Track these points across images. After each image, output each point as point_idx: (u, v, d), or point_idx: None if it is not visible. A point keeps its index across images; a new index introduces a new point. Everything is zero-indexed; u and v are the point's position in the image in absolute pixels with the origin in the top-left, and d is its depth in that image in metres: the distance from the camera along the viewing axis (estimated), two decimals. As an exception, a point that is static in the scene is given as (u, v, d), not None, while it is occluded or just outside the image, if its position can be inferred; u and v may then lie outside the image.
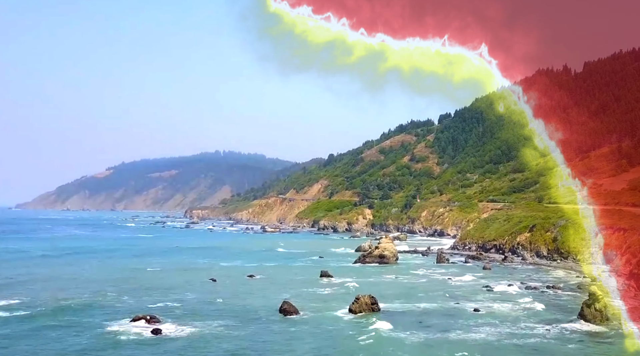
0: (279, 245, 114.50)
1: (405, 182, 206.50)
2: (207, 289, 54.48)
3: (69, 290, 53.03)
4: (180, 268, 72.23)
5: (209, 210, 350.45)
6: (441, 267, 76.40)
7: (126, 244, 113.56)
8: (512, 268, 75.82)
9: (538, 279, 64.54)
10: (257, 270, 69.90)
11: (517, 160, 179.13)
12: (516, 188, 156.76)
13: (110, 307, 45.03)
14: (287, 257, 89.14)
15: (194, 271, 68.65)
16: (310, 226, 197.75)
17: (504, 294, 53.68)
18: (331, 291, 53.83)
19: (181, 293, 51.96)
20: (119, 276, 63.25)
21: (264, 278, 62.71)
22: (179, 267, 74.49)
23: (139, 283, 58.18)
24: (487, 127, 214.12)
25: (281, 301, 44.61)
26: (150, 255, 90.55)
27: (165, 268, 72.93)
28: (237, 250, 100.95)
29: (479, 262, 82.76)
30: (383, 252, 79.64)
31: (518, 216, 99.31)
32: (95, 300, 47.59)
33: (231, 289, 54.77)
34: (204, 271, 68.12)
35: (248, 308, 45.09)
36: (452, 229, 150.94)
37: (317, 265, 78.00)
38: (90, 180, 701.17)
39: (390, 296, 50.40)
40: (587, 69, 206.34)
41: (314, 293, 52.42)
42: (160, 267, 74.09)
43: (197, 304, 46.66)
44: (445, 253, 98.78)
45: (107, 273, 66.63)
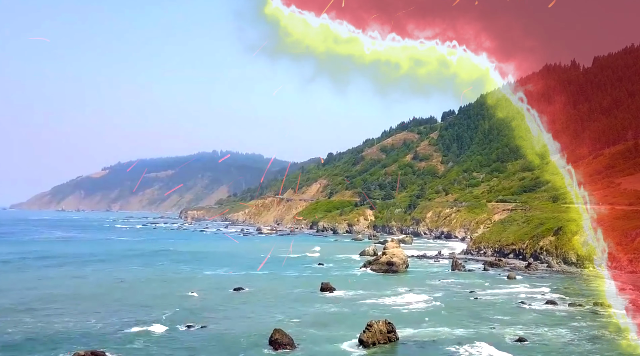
0: (274, 249, 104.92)
1: (409, 181, 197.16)
2: (183, 308, 44.69)
3: (9, 311, 43.15)
4: (158, 279, 62.51)
5: (204, 211, 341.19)
6: (458, 276, 66.74)
7: (107, 248, 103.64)
8: (539, 277, 66.12)
9: (578, 292, 54.84)
10: (246, 280, 60.13)
11: (525, 158, 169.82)
12: (527, 188, 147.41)
13: (50, 337, 35.17)
14: (283, 264, 79.24)
15: (173, 283, 58.90)
16: (308, 227, 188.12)
17: (547, 314, 43.87)
18: (335, 311, 44.07)
19: (150, 314, 42.11)
20: (82, 291, 53.46)
21: (254, 293, 52.84)
22: (158, 276, 64.80)
23: (103, 300, 48.53)
24: (493, 124, 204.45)
25: (272, 329, 34.90)
26: (130, 262, 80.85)
27: (141, 278, 63.27)
28: (227, 255, 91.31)
29: (500, 270, 73.17)
30: (391, 258, 69.93)
31: (538, 217, 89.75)
32: (37, 327, 37.78)
33: (212, 308, 44.96)
34: (184, 283, 58.34)
35: (229, 339, 35.39)
36: (460, 231, 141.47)
37: (316, 273, 68.45)
38: (85, 180, 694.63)
39: (408, 319, 40.72)
40: (597, 64, 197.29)
41: (314, 314, 42.65)
42: (135, 276, 64.40)
43: (166, 333, 36.93)
44: (458, 258, 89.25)
45: (69, 286, 56.87)
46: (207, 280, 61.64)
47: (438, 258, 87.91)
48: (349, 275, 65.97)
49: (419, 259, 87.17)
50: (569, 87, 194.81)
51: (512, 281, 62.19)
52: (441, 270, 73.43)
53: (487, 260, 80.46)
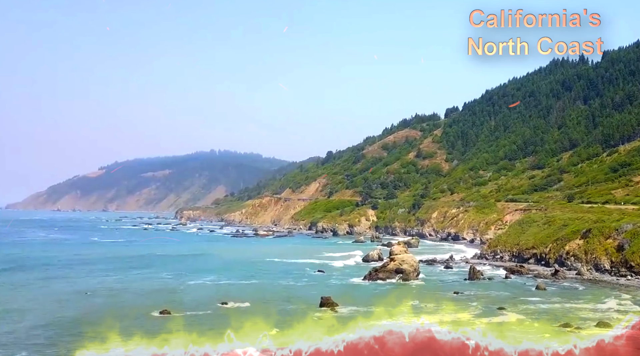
0: (269, 253, 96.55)
1: (412, 179, 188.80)
2: (148, 335, 35.59)
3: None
4: (132, 290, 53.64)
5: (200, 211, 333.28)
6: (478, 286, 58.02)
7: (86, 251, 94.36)
8: (572, 288, 57.15)
9: (630, 308, 45.93)
10: (234, 292, 51.32)
11: (535, 155, 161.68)
12: (538, 187, 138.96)
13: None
14: (278, 271, 70.69)
15: (147, 296, 50.01)
16: (307, 228, 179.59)
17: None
18: (338, 338, 35.40)
19: (103, 341, 33.17)
20: (33, 306, 44.60)
21: (241, 309, 43.60)
22: (132, 287, 55.93)
23: (53, 318, 39.57)
24: (499, 120, 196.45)
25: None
26: (106, 269, 72.04)
27: (112, 289, 54.50)
28: (217, 260, 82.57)
29: (523, 278, 64.48)
30: (401, 265, 61.24)
31: (561, 218, 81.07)
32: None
33: (187, 333, 36.08)
34: (161, 296, 49.43)
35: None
36: (469, 232, 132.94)
37: (315, 283, 59.76)
38: (82, 179, 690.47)
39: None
40: (607, 58, 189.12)
41: (312, 341, 34.02)
42: (107, 287, 55.65)
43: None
44: (471, 262, 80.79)
45: (19, 300, 47.99)
46: (189, 291, 52.74)
47: (450, 263, 79.29)
48: (353, 286, 57.24)
49: (429, 264, 78.49)
50: (578, 81, 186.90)
51: (543, 293, 53.53)
52: (457, 278, 64.63)
53: (507, 266, 71.85)
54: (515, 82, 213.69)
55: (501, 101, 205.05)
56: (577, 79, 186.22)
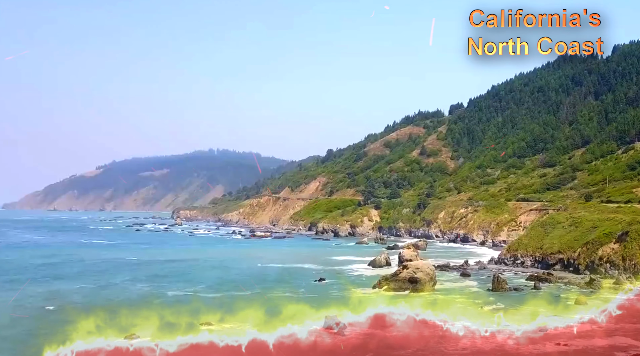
0: (265, 257, 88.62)
1: (416, 178, 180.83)
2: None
3: None
4: (97, 305, 44.68)
5: (197, 211, 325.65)
6: (506, 299, 49.79)
7: (65, 256, 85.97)
8: (616, 301, 49.10)
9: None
10: (219, 309, 42.71)
11: (545, 152, 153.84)
12: (551, 185, 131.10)
13: None
14: (272, 279, 62.37)
15: (111, 314, 41.51)
16: (307, 229, 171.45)
17: None
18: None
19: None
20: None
21: (224, 334, 35.53)
22: (99, 300, 47.50)
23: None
24: (507, 116, 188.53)
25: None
26: (78, 276, 63.92)
27: (76, 303, 46.00)
28: (206, 266, 74.44)
29: (552, 287, 56.29)
30: (415, 273, 53.10)
31: (588, 219, 72.98)
32: None
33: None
34: (129, 315, 41.09)
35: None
36: (479, 234, 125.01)
37: (316, 295, 51.68)
38: (79, 179, 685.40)
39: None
40: (618, 53, 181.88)
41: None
42: (70, 301, 47.43)
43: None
44: (489, 268, 72.94)
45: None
46: (165, 308, 43.93)
47: (467, 269, 71.16)
48: (361, 299, 48.99)
49: (442, 270, 70.23)
50: (588, 76, 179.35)
51: (582, 308, 45.34)
52: (478, 288, 56.43)
53: (531, 273, 63.83)
54: (522, 77, 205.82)
55: (508, 97, 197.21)
56: (588, 74, 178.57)
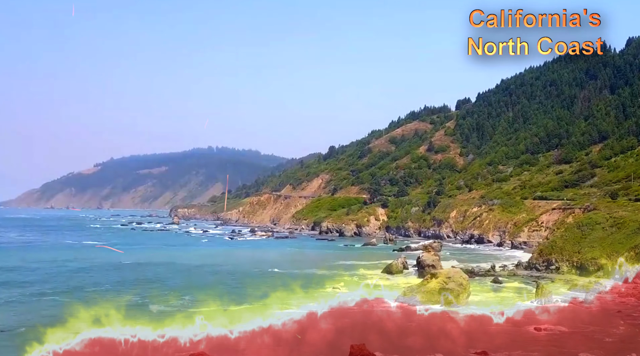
0: (265, 260, 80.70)
1: (424, 175, 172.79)
2: None
3: None
4: (58, 320, 36.97)
5: (195, 209, 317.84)
6: (559, 316, 41.80)
7: (44, 261, 77.26)
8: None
9: None
10: (204, 332, 34.42)
11: (560, 148, 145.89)
12: (569, 183, 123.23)
13: None
14: (273, 288, 53.95)
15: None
16: (310, 228, 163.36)
17: None
18: None
19: None
20: None
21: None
22: (59, 315, 39.39)
23: None
24: (518, 111, 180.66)
25: None
26: (47, 283, 55.76)
27: (27, 325, 37.84)
28: (197, 272, 65.99)
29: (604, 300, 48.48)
30: (446, 283, 44.93)
31: (633, 220, 64.82)
32: None
33: None
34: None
35: None
36: (495, 234, 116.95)
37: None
38: (76, 176, 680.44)
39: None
40: (633, 45, 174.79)
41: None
42: (20, 320, 39.33)
43: None
44: (519, 274, 64.89)
45: None
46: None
47: (497, 276, 62.99)
48: (384, 315, 40.67)
49: (469, 277, 62.06)
50: (603, 70, 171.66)
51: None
52: (516, 301, 48.24)
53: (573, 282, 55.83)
54: (533, 71, 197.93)
55: (519, 91, 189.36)
56: (603, 67, 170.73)
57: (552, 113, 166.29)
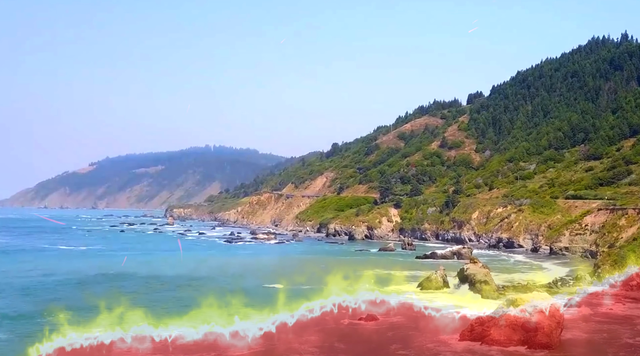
0: (268, 270, 68.04)
1: (438, 173, 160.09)
2: None
3: None
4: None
5: (192, 209, 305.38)
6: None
7: (10, 277, 64.34)
8: None
9: None
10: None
11: (588, 143, 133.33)
12: (603, 180, 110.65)
13: None
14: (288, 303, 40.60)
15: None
16: (315, 230, 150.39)
17: None
18: None
19: None
20: None
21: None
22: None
23: None
24: (537, 104, 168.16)
25: None
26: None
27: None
28: (186, 289, 52.77)
29: None
30: (531, 315, 32.00)
31: None
32: None
33: None
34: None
35: None
36: (526, 237, 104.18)
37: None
38: (71, 176, 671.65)
39: None
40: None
41: None
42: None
43: None
44: (593, 293, 52.01)
45: None
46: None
47: (567, 300, 50.16)
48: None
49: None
50: (629, 60, 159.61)
51: None
52: (611, 333, 35.34)
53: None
54: (552, 62, 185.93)
55: (537, 83, 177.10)
56: (628, 57, 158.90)
57: (576, 106, 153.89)
